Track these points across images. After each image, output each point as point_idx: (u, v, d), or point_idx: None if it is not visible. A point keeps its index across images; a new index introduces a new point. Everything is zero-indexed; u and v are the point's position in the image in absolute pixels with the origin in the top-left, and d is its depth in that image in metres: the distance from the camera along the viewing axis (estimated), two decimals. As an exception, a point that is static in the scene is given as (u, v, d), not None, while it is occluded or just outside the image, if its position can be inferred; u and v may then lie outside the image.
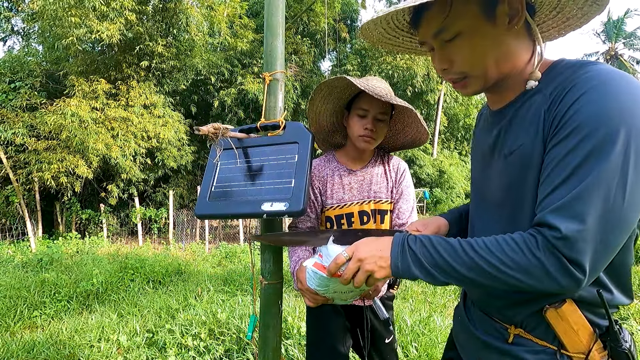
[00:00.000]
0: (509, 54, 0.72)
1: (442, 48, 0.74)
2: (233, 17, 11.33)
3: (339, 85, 1.37)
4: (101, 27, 8.35)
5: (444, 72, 0.76)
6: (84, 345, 3.15)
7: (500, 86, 0.77)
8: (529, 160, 0.70)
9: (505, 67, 0.73)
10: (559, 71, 0.70)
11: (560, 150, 0.62)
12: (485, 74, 0.72)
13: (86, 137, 8.35)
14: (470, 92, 0.78)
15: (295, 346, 2.85)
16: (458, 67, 0.73)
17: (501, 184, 0.77)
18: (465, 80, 0.75)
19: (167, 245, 9.25)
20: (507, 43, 0.71)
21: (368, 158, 1.53)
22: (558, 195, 0.61)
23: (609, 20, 29.25)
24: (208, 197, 1.26)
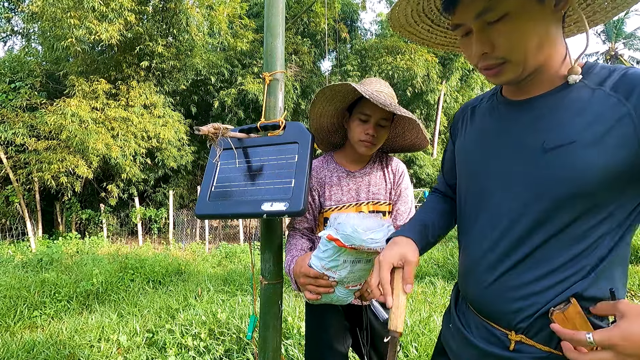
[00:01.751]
0: (550, 41, 0.69)
1: (483, 30, 0.69)
2: (233, 17, 11.34)
3: (342, 90, 1.33)
4: (100, 27, 8.35)
5: (483, 57, 0.71)
6: (84, 345, 3.15)
7: (532, 77, 0.73)
8: (587, 157, 0.65)
9: (545, 55, 0.69)
10: (609, 72, 0.68)
11: None
12: (526, 60, 0.68)
13: (86, 137, 8.36)
14: (504, 80, 0.72)
15: (295, 346, 2.85)
16: (500, 52, 0.68)
17: (541, 177, 0.70)
18: (503, 66, 0.70)
19: (167, 245, 9.25)
20: (550, 29, 0.68)
21: (367, 159, 1.52)
22: None
23: (609, 20, 29.25)
24: (208, 197, 1.26)
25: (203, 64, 11.00)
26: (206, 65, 11.13)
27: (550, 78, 0.73)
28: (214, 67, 11.37)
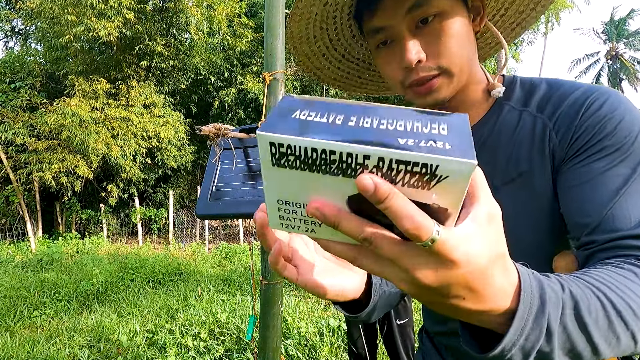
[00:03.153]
0: (474, 55, 0.63)
1: (414, 33, 0.57)
2: (232, 17, 11.33)
3: None
4: (99, 25, 8.36)
5: (416, 67, 0.58)
6: (84, 345, 3.15)
7: (460, 99, 0.66)
8: (541, 188, 0.59)
9: (471, 69, 0.63)
10: (532, 87, 0.63)
11: (603, 164, 0.52)
12: (461, 71, 0.59)
13: (86, 136, 8.36)
14: (436, 97, 0.61)
15: (295, 346, 2.85)
16: (435, 59, 0.57)
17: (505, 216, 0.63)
18: (437, 79, 0.59)
19: (167, 245, 9.25)
20: (474, 44, 0.62)
21: None
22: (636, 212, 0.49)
23: (611, 20, 29.26)
24: (209, 197, 1.26)
25: (203, 63, 10.99)
26: (206, 65, 11.13)
27: (475, 104, 0.66)
28: (214, 66, 11.37)
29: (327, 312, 3.75)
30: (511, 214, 0.57)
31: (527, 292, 0.32)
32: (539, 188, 0.59)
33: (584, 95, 0.56)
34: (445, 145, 0.24)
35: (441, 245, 0.26)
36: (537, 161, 0.59)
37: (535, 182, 0.59)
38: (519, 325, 0.32)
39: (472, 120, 0.67)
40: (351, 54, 0.77)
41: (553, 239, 0.60)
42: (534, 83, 0.64)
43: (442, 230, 0.26)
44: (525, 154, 0.60)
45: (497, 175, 0.62)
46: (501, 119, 0.64)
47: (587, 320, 0.35)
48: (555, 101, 0.59)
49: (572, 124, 0.56)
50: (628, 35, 29.01)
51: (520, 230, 0.60)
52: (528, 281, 0.33)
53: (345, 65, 0.80)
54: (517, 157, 0.61)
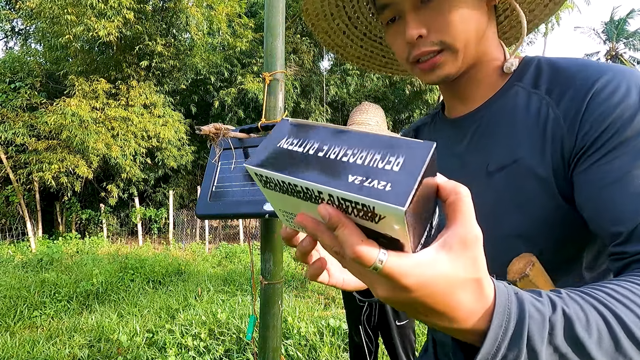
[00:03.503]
0: (486, 32, 0.61)
1: (417, 9, 0.58)
2: (232, 17, 11.33)
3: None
4: (99, 24, 8.36)
5: (418, 42, 0.58)
6: (84, 345, 3.15)
7: (470, 77, 0.64)
8: (538, 176, 0.54)
9: (482, 46, 0.61)
10: (547, 68, 0.59)
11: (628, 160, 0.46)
12: (466, 47, 0.58)
13: (86, 136, 8.36)
14: (440, 74, 0.60)
15: (295, 346, 2.85)
16: (438, 34, 0.57)
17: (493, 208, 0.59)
18: (441, 55, 0.58)
19: (167, 245, 9.25)
20: (486, 19, 0.60)
21: None
22: None
23: (611, 20, 29.26)
24: (209, 197, 1.27)
25: (203, 63, 10.99)
26: (206, 65, 11.13)
27: (486, 81, 0.64)
28: (214, 66, 11.37)
29: (327, 312, 3.75)
30: (500, 201, 0.58)
31: (501, 314, 0.32)
32: (538, 175, 0.54)
33: (594, 75, 0.51)
34: (386, 187, 0.26)
35: (388, 271, 0.28)
36: (536, 147, 0.55)
37: (532, 169, 0.55)
38: (491, 346, 0.32)
39: (481, 100, 0.65)
40: (373, 33, 0.77)
41: (548, 229, 0.55)
42: (551, 62, 0.59)
43: (390, 258, 0.28)
44: (524, 139, 0.56)
45: (493, 161, 0.59)
46: (507, 101, 0.60)
47: (585, 341, 0.33)
48: (563, 82, 0.54)
49: (581, 109, 0.50)
50: (628, 36, 29.00)
51: (509, 218, 0.57)
52: (505, 303, 0.33)
53: (368, 44, 0.80)
54: (515, 142, 0.57)
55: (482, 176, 0.60)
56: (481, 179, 0.60)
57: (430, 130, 0.78)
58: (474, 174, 0.62)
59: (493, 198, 0.58)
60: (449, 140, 0.69)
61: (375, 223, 0.28)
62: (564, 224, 0.54)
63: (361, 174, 0.28)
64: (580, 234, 0.54)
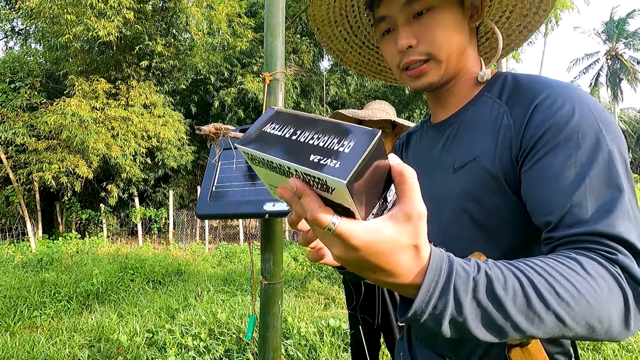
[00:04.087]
0: (467, 49, 0.70)
1: (408, 23, 0.67)
2: (232, 17, 11.33)
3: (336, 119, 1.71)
4: (99, 24, 8.36)
5: (408, 51, 0.68)
6: (84, 345, 3.15)
7: (449, 87, 0.73)
8: (490, 173, 0.62)
9: (462, 61, 0.70)
10: (510, 81, 0.67)
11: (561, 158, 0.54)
12: (449, 59, 0.67)
13: (86, 136, 8.36)
14: (424, 81, 0.69)
15: (295, 346, 2.85)
16: (425, 46, 0.66)
17: (457, 200, 0.67)
18: (426, 64, 0.68)
19: (167, 245, 9.25)
20: (467, 38, 0.69)
21: None
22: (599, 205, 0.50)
23: (611, 20, 29.25)
24: (209, 197, 1.27)
25: (203, 63, 10.99)
26: (206, 65, 11.13)
27: (463, 92, 0.73)
28: (214, 66, 11.36)
29: (327, 312, 3.75)
30: (462, 193, 0.66)
31: (434, 271, 0.39)
32: (490, 172, 0.62)
33: (538, 90, 0.60)
34: (336, 165, 0.32)
35: (340, 232, 0.34)
36: (491, 148, 0.63)
37: (486, 167, 0.63)
38: (424, 296, 0.39)
39: (457, 107, 0.73)
40: (370, 42, 0.87)
41: (501, 219, 0.63)
42: (515, 77, 0.68)
43: (342, 222, 0.34)
44: (483, 140, 0.64)
45: (458, 159, 0.68)
46: (477, 108, 0.69)
47: (501, 297, 0.41)
48: (518, 94, 0.63)
49: (526, 117, 0.59)
50: (628, 35, 28.98)
51: (468, 209, 0.66)
52: (438, 262, 0.40)
53: (366, 52, 0.90)
54: (476, 142, 0.65)
55: (450, 172, 0.69)
56: (449, 175, 0.69)
57: (420, 136, 0.86)
58: (444, 171, 0.71)
59: (456, 190, 0.67)
60: (430, 142, 0.79)
61: (330, 194, 0.34)
62: (516, 216, 0.62)
63: (321, 154, 0.34)
64: (524, 227, 0.61)
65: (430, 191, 0.71)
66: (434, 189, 0.72)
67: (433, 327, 0.41)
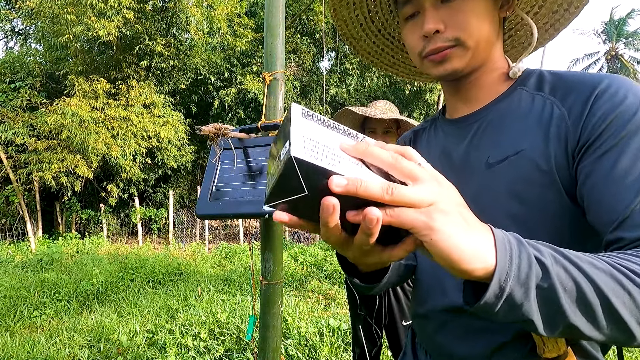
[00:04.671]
0: (495, 39, 0.66)
1: (436, 7, 0.63)
2: (232, 17, 11.33)
3: (344, 115, 1.71)
4: (99, 24, 8.36)
5: (432, 39, 0.63)
6: (84, 345, 3.15)
7: (474, 77, 0.69)
8: (540, 167, 0.57)
9: (489, 52, 0.66)
10: (549, 75, 0.64)
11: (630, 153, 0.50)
12: (477, 47, 0.63)
13: (86, 136, 8.36)
14: (449, 68, 0.64)
15: (295, 346, 2.85)
16: (453, 31, 0.62)
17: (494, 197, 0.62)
18: (453, 49, 0.63)
19: (167, 245, 9.25)
20: (496, 28, 0.66)
21: None
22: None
23: (611, 20, 29.25)
24: (209, 197, 1.26)
25: (203, 63, 10.99)
26: (206, 65, 11.13)
27: (490, 86, 0.69)
28: (214, 66, 11.36)
29: (327, 312, 3.75)
30: (500, 190, 0.61)
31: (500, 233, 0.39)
32: (540, 166, 0.58)
33: (595, 80, 0.56)
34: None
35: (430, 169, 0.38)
36: (539, 141, 0.58)
37: (535, 160, 0.58)
38: (504, 255, 0.37)
39: (483, 102, 0.69)
40: (387, 30, 0.82)
41: (545, 218, 0.58)
42: (552, 71, 0.65)
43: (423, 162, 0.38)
44: (528, 133, 0.60)
45: (494, 154, 0.63)
46: (512, 101, 0.65)
47: (581, 264, 0.39)
48: (567, 85, 0.59)
49: (586, 107, 0.55)
50: (628, 35, 28.98)
51: (507, 204, 0.61)
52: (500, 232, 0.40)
53: (381, 42, 0.85)
54: (519, 135, 0.61)
55: (482, 169, 0.64)
56: (481, 172, 0.64)
57: (430, 134, 0.81)
58: (474, 168, 0.66)
59: (493, 187, 0.62)
60: (451, 139, 0.73)
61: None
62: (564, 213, 0.57)
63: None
64: (577, 226, 0.57)
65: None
66: (462, 189, 0.65)
67: (519, 300, 0.37)
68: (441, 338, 0.69)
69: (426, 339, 0.75)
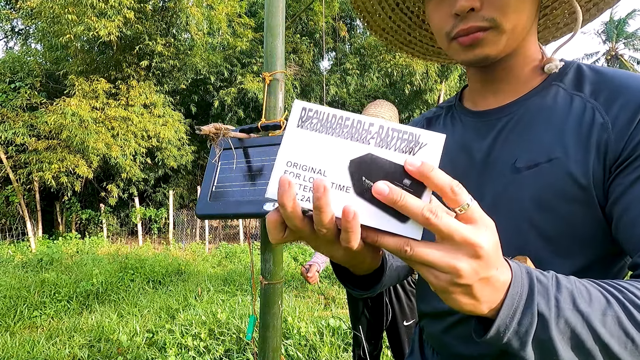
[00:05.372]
0: (530, 25, 0.58)
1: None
2: (232, 16, 11.33)
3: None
4: (99, 24, 8.36)
5: (468, 15, 0.55)
6: (84, 345, 3.15)
7: (507, 66, 0.62)
8: (575, 179, 0.52)
9: (524, 39, 0.59)
10: (589, 72, 0.58)
11: None
12: (513, 31, 0.55)
13: (86, 136, 8.36)
14: (481, 53, 0.57)
15: (295, 346, 2.85)
16: (490, 10, 0.53)
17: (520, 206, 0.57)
18: (489, 31, 0.55)
19: (167, 245, 9.25)
20: (534, 12, 0.58)
21: None
22: None
23: (611, 20, 29.25)
24: (209, 197, 1.27)
25: (203, 63, 10.99)
26: (206, 65, 11.13)
27: (524, 78, 0.62)
28: (214, 66, 11.36)
29: (327, 312, 3.75)
30: (526, 200, 0.56)
31: (517, 281, 0.37)
32: (576, 179, 0.53)
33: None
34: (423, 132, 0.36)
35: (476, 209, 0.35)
36: (577, 150, 0.53)
37: (569, 171, 0.53)
38: (509, 309, 0.36)
39: (514, 94, 0.62)
40: (405, 4, 0.74)
41: (571, 232, 0.54)
42: (594, 68, 0.58)
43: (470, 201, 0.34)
44: (563, 140, 0.54)
45: (523, 157, 0.57)
46: (547, 98, 0.58)
47: (587, 312, 0.37)
48: (612, 88, 0.53)
49: (634, 118, 0.49)
50: (628, 36, 28.99)
51: (535, 218, 0.56)
52: (517, 271, 0.38)
53: (398, 17, 0.76)
54: (553, 141, 0.55)
55: (507, 171, 0.58)
56: (506, 174, 0.58)
57: (446, 123, 0.73)
58: (499, 169, 0.59)
59: (519, 195, 0.57)
60: (471, 132, 0.66)
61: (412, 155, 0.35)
62: (594, 229, 0.53)
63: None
64: (605, 244, 0.53)
65: (476, 192, 0.57)
66: (482, 190, 0.61)
67: (516, 349, 0.37)
68: (448, 338, 0.67)
69: (433, 338, 0.72)
